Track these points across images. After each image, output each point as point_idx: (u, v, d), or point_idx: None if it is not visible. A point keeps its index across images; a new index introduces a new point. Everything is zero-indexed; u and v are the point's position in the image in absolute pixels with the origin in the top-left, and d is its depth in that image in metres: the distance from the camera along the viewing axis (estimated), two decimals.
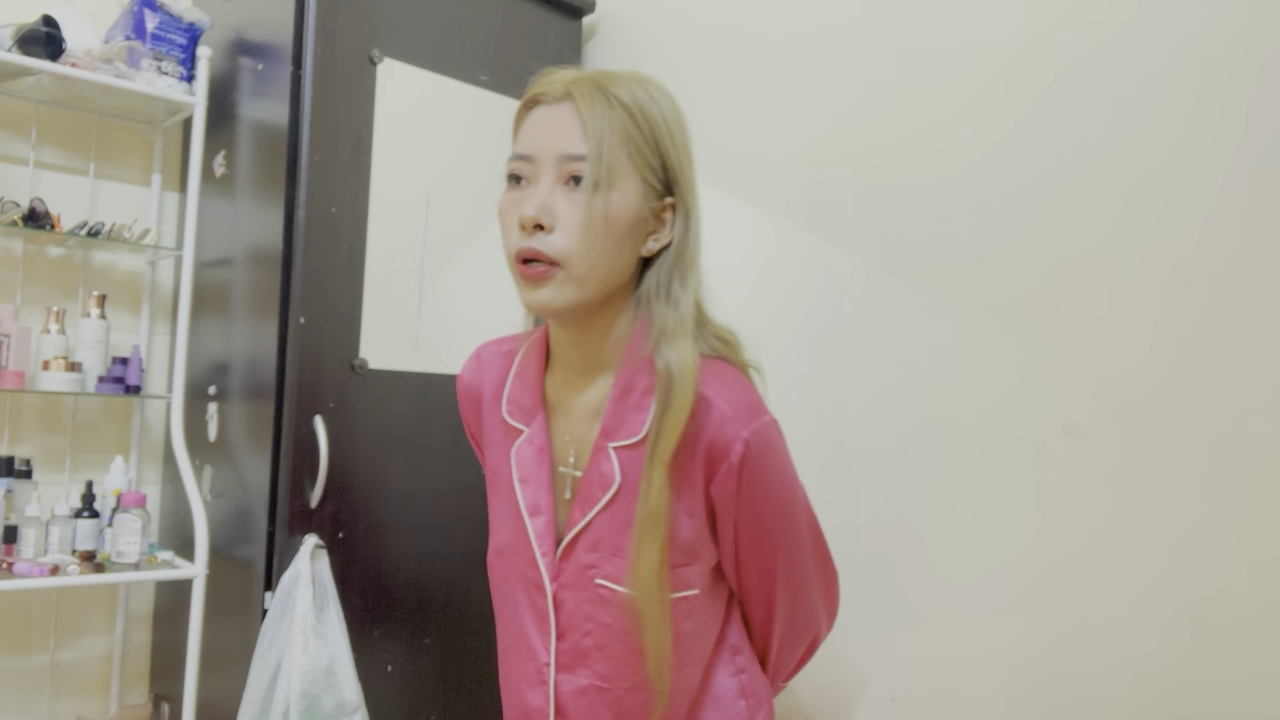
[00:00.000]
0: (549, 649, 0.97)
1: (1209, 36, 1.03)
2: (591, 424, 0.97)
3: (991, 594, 1.19)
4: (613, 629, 0.94)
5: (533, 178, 0.90)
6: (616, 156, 0.88)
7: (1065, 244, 1.14)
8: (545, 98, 0.91)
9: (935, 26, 1.31)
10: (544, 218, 0.87)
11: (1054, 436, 1.13)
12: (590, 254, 0.88)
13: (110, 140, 1.92)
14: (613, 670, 0.95)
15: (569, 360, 0.98)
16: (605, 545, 0.94)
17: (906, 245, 1.32)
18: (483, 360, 1.09)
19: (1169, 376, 1.04)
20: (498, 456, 1.03)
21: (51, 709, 1.83)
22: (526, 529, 0.98)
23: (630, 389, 0.94)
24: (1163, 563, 1.04)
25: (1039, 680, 1.14)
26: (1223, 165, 1.01)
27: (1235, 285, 1.00)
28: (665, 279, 0.93)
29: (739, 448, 0.91)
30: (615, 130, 0.88)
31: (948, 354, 1.26)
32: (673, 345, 0.90)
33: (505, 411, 1.02)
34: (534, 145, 0.90)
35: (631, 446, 0.93)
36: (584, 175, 0.87)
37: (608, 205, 0.88)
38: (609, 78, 0.91)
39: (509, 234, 0.91)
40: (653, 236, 0.94)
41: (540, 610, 0.97)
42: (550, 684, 0.97)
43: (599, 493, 0.94)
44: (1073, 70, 1.15)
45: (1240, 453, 0.99)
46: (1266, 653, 0.96)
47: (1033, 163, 1.18)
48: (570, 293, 0.89)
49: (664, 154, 0.92)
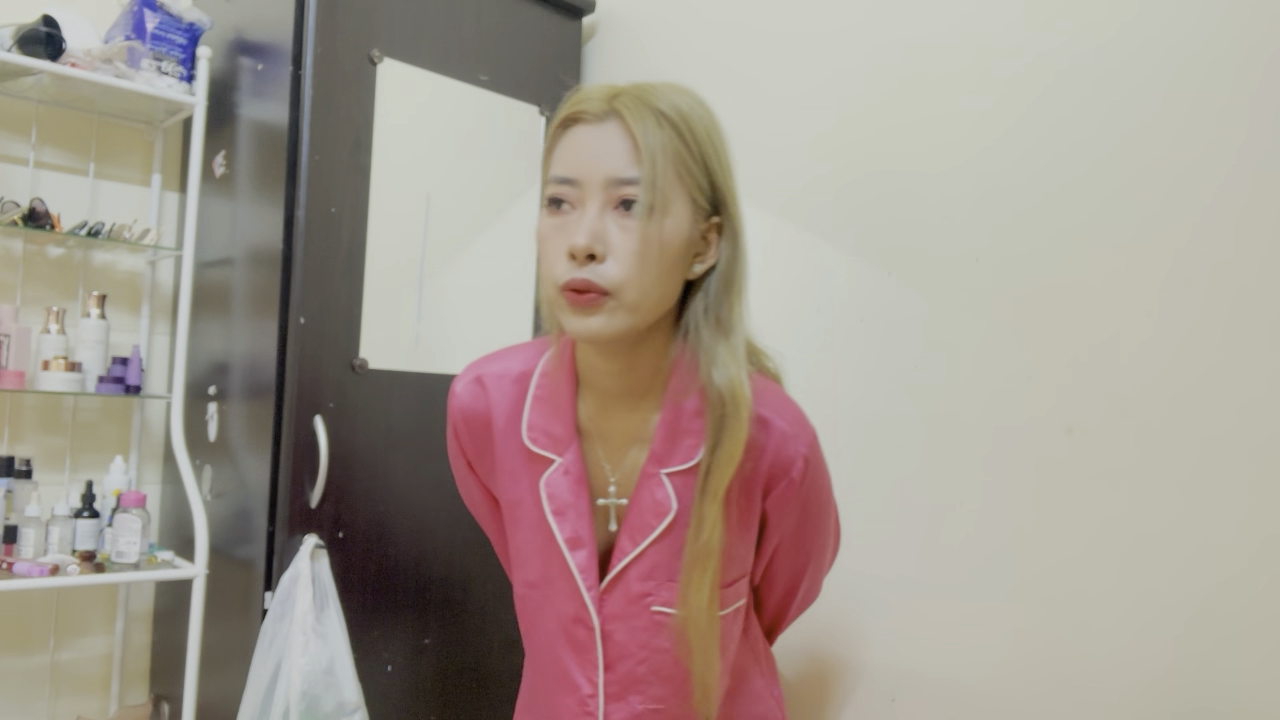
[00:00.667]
0: (594, 681, 0.94)
1: (1212, 34, 1.03)
2: (636, 450, 0.94)
3: (991, 594, 1.19)
4: (670, 653, 0.92)
5: (577, 202, 0.84)
6: (668, 178, 0.83)
7: (1066, 244, 1.14)
8: (586, 116, 0.85)
9: (935, 23, 1.31)
10: (597, 246, 0.82)
11: (1054, 436, 1.13)
12: (645, 283, 0.83)
13: (110, 140, 1.92)
14: (670, 691, 0.93)
15: (607, 387, 0.93)
16: (661, 572, 0.91)
17: (906, 245, 1.32)
18: (487, 385, 0.99)
19: (1170, 376, 1.04)
20: (518, 488, 0.97)
21: (51, 709, 1.83)
22: (567, 563, 0.93)
23: (680, 413, 0.91)
24: (1163, 562, 1.04)
25: (1039, 680, 1.14)
26: (1225, 163, 1.01)
27: (1235, 284, 1.00)
28: (714, 303, 0.89)
29: (800, 465, 0.91)
30: (666, 150, 0.83)
31: (947, 354, 1.26)
32: (724, 372, 0.87)
33: (528, 439, 0.95)
34: (579, 168, 0.84)
35: (685, 472, 0.91)
36: (638, 200, 0.82)
37: (662, 231, 0.83)
38: (651, 92, 0.86)
39: (553, 262, 0.85)
40: (699, 259, 0.89)
41: (580, 643, 0.94)
42: (599, 715, 0.94)
43: (654, 521, 0.91)
44: (1074, 68, 1.15)
45: (1240, 452, 0.99)
46: (1267, 651, 0.96)
47: (1034, 162, 1.18)
48: (621, 321, 0.84)
49: (711, 172, 0.88)
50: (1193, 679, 1.01)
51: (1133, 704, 1.05)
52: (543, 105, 1.82)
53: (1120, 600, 1.07)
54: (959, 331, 1.25)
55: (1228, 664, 0.98)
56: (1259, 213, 0.98)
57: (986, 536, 1.20)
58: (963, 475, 1.23)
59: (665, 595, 0.91)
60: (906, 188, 1.32)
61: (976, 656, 1.20)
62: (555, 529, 0.93)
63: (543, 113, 1.82)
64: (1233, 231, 1.00)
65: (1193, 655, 1.01)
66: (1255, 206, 0.99)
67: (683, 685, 0.93)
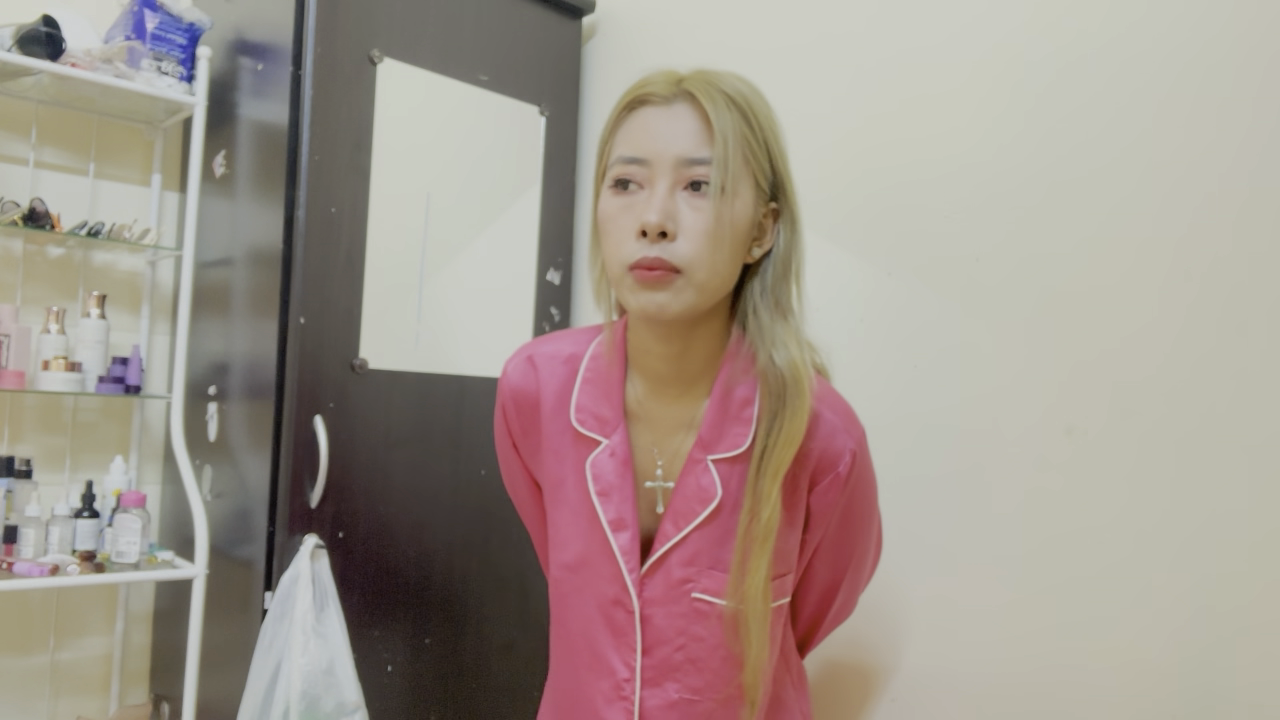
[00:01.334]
0: (631, 665, 0.93)
1: (1211, 38, 1.03)
2: (683, 436, 0.94)
3: (990, 593, 1.19)
4: (707, 642, 0.91)
5: (645, 182, 0.85)
6: (737, 160, 0.84)
7: (1067, 243, 1.14)
8: (654, 98, 0.86)
9: (937, 29, 1.31)
10: (669, 224, 0.83)
11: (1054, 436, 1.13)
12: (714, 262, 0.84)
13: (110, 140, 1.92)
14: (705, 683, 0.92)
15: (659, 371, 0.94)
16: (703, 559, 0.91)
17: (906, 245, 1.32)
18: (538, 365, 1.00)
19: (1170, 376, 1.04)
20: (562, 468, 0.97)
21: (51, 709, 1.83)
22: (609, 544, 0.93)
23: (729, 400, 0.92)
24: (1164, 562, 1.04)
25: (1038, 679, 1.14)
26: (1227, 165, 1.01)
27: (1237, 284, 1.00)
28: (773, 286, 0.90)
29: (847, 459, 0.92)
30: (736, 133, 0.84)
31: (947, 354, 1.26)
32: (784, 354, 0.88)
33: (575, 420, 0.96)
34: (648, 148, 0.85)
35: (732, 460, 0.91)
36: (710, 180, 0.83)
37: (733, 211, 0.84)
38: (718, 77, 0.87)
39: (620, 241, 0.86)
40: (756, 243, 0.90)
41: (619, 626, 0.93)
42: (635, 700, 0.93)
43: (698, 507, 0.91)
44: (1075, 70, 1.15)
45: (1242, 451, 0.99)
46: (1267, 652, 0.96)
47: (1035, 162, 1.18)
48: (688, 299, 0.85)
49: (773, 157, 0.89)
50: (1195, 678, 1.01)
51: (1134, 704, 1.05)
52: (543, 105, 1.82)
53: (1121, 600, 1.07)
54: (959, 330, 1.25)
55: (1231, 663, 0.98)
56: (1262, 213, 0.98)
57: (985, 536, 1.20)
58: (962, 475, 1.23)
59: (706, 583, 0.91)
60: (907, 188, 1.32)
61: (975, 656, 1.20)
62: (600, 510, 0.93)
63: (542, 113, 1.82)
64: (1236, 232, 1.00)
65: (1195, 655, 1.01)
66: (1259, 206, 0.99)
67: (717, 677, 0.92)
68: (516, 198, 1.79)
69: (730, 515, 0.91)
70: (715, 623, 0.91)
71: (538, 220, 1.81)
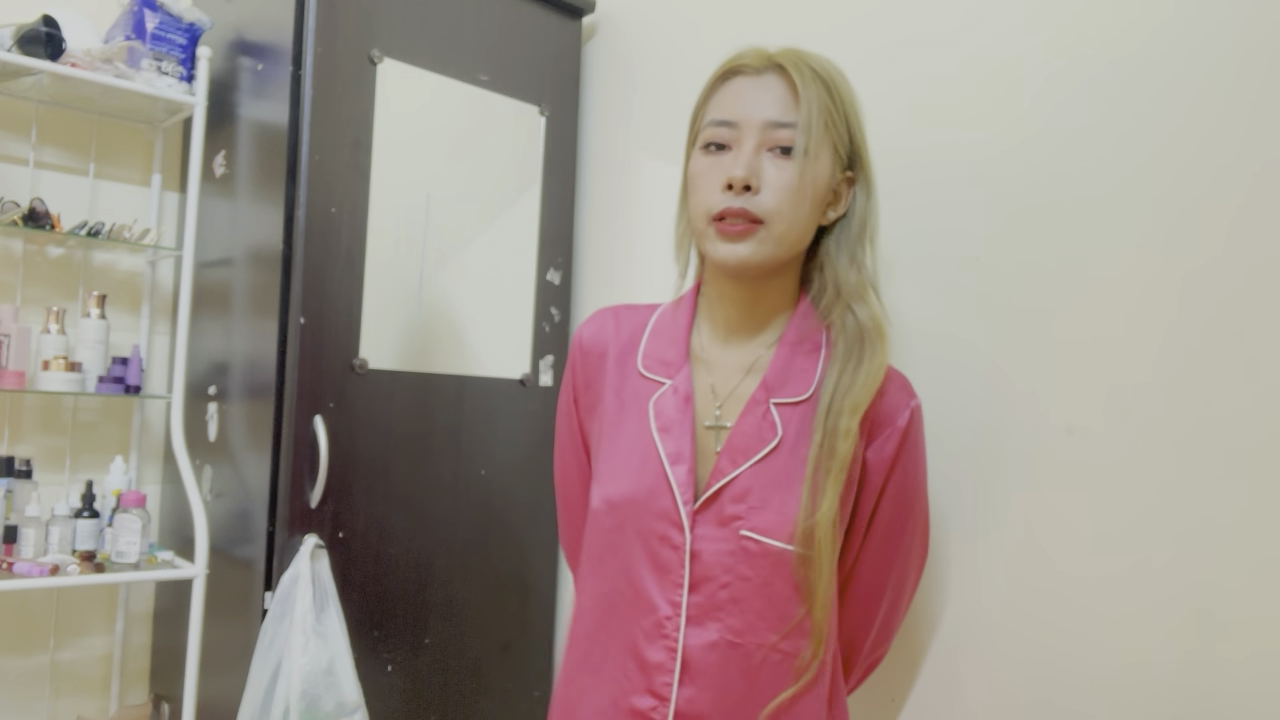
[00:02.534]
0: (675, 602, 0.93)
1: (1213, 33, 1.03)
2: (743, 379, 0.99)
3: (988, 593, 1.19)
4: (752, 582, 0.92)
5: (734, 143, 0.94)
6: (819, 126, 0.93)
7: (1067, 244, 1.14)
8: (746, 69, 0.96)
9: (936, 24, 1.31)
10: (754, 179, 0.91)
11: (1054, 436, 1.13)
12: (793, 216, 0.92)
13: (110, 140, 1.92)
14: (746, 625, 0.92)
15: (728, 317, 1.01)
16: (754, 497, 0.93)
17: (906, 245, 1.32)
18: (616, 317, 1.09)
19: (1171, 374, 1.04)
20: (624, 409, 1.02)
21: (51, 709, 1.83)
22: (666, 477, 0.95)
23: (798, 351, 0.98)
24: (1164, 562, 1.04)
25: (1038, 680, 1.14)
26: (1231, 166, 1.01)
27: (1239, 283, 1.00)
28: (850, 245, 0.99)
29: (907, 414, 0.98)
30: (820, 102, 0.93)
31: (947, 353, 1.26)
32: (864, 305, 0.97)
33: (642, 365, 1.03)
34: (738, 111, 0.94)
35: (794, 405, 0.96)
36: (794, 142, 0.92)
37: (813, 172, 0.93)
38: (807, 55, 0.96)
39: (705, 194, 0.94)
40: (831, 208, 0.99)
41: (665, 563, 0.94)
42: (679, 637, 0.93)
43: (757, 445, 0.95)
44: (1077, 69, 1.15)
45: (1242, 453, 0.99)
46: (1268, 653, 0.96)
47: (1036, 161, 1.18)
48: (768, 250, 0.93)
49: (852, 129, 0.98)
50: (1196, 679, 1.01)
51: (1133, 704, 1.05)
52: (543, 105, 1.82)
53: (1120, 600, 1.07)
54: (959, 330, 1.25)
55: (1228, 662, 0.99)
56: (1264, 213, 0.98)
57: (983, 536, 1.20)
58: (960, 475, 1.23)
59: (754, 520, 0.92)
60: (907, 188, 1.32)
61: (974, 656, 1.20)
62: (659, 444, 0.97)
63: (542, 113, 1.82)
64: (1238, 231, 1.00)
65: (1195, 656, 1.01)
66: (1260, 207, 0.99)
67: (760, 619, 0.92)
68: (516, 198, 1.79)
69: (788, 456, 0.94)
70: (761, 562, 0.92)
71: (538, 220, 1.81)
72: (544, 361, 1.81)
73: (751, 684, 0.93)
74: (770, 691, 0.93)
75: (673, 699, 0.92)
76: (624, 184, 1.84)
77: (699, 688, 0.92)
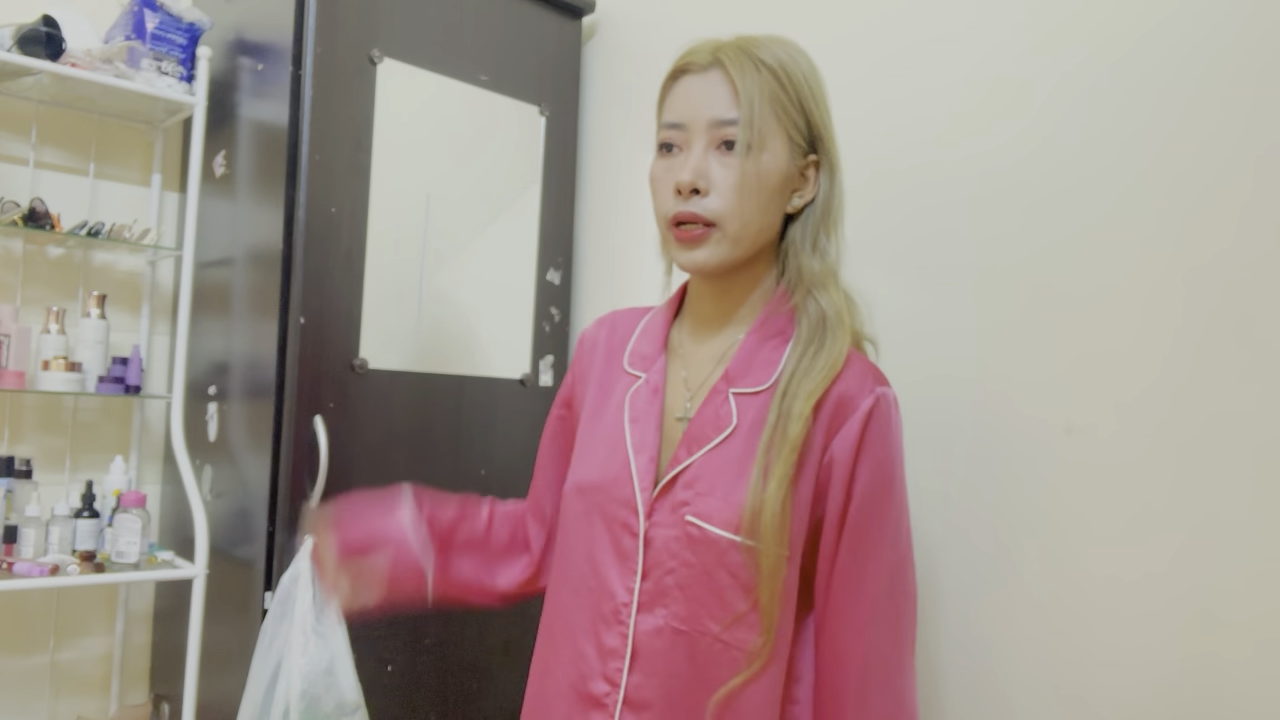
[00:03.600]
0: (630, 589, 0.94)
1: (1215, 35, 1.03)
2: (712, 370, 0.99)
3: (987, 594, 1.19)
4: (696, 569, 0.92)
5: (684, 145, 0.95)
6: (765, 119, 0.92)
7: (1069, 244, 1.14)
8: (693, 67, 0.96)
9: (942, 27, 1.31)
10: (700, 182, 0.92)
11: (1054, 436, 1.13)
12: (744, 214, 0.92)
13: (110, 140, 1.92)
14: (690, 612, 0.92)
15: (703, 311, 1.02)
16: (702, 484, 0.93)
17: (906, 244, 1.32)
18: (613, 319, 1.12)
19: (1172, 376, 1.04)
20: (605, 403, 1.04)
21: (51, 709, 1.83)
22: (629, 464, 0.97)
23: (765, 340, 0.97)
24: (1166, 562, 1.04)
25: (1037, 679, 1.14)
26: (1235, 166, 1.01)
27: (1242, 281, 1.00)
28: (812, 232, 0.98)
29: (869, 400, 0.93)
30: (764, 93, 0.92)
31: (947, 353, 1.26)
32: (825, 293, 0.95)
33: (627, 363, 1.05)
34: (685, 113, 0.95)
35: (753, 394, 0.95)
36: (736, 139, 0.91)
37: (759, 166, 0.92)
38: (752, 42, 0.96)
39: (662, 199, 0.95)
40: (797, 194, 0.98)
41: (624, 549, 0.95)
42: (630, 624, 0.94)
43: (711, 434, 0.95)
44: (1081, 67, 1.15)
45: (1243, 453, 0.99)
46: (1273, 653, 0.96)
47: (1036, 161, 1.18)
48: (724, 252, 0.93)
49: (808, 113, 0.96)
50: (1197, 680, 1.01)
51: (1133, 706, 1.05)
52: (543, 105, 1.82)
53: (1121, 600, 1.07)
54: (959, 330, 1.25)
55: (1232, 663, 0.98)
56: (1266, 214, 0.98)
57: (982, 536, 1.20)
58: (961, 475, 1.23)
59: (699, 506, 0.92)
60: (908, 188, 1.32)
61: (973, 656, 1.20)
62: (627, 435, 0.99)
63: (542, 113, 1.82)
64: (1240, 232, 1.00)
65: (1196, 657, 1.01)
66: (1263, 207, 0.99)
67: (702, 608, 0.91)
68: (516, 198, 1.79)
69: (741, 444, 0.93)
70: (704, 549, 0.91)
71: (538, 220, 1.81)
72: (544, 361, 1.81)
73: (698, 672, 0.92)
74: (716, 680, 0.91)
75: (622, 685, 0.93)
76: (624, 184, 1.84)
77: (645, 674, 0.93)
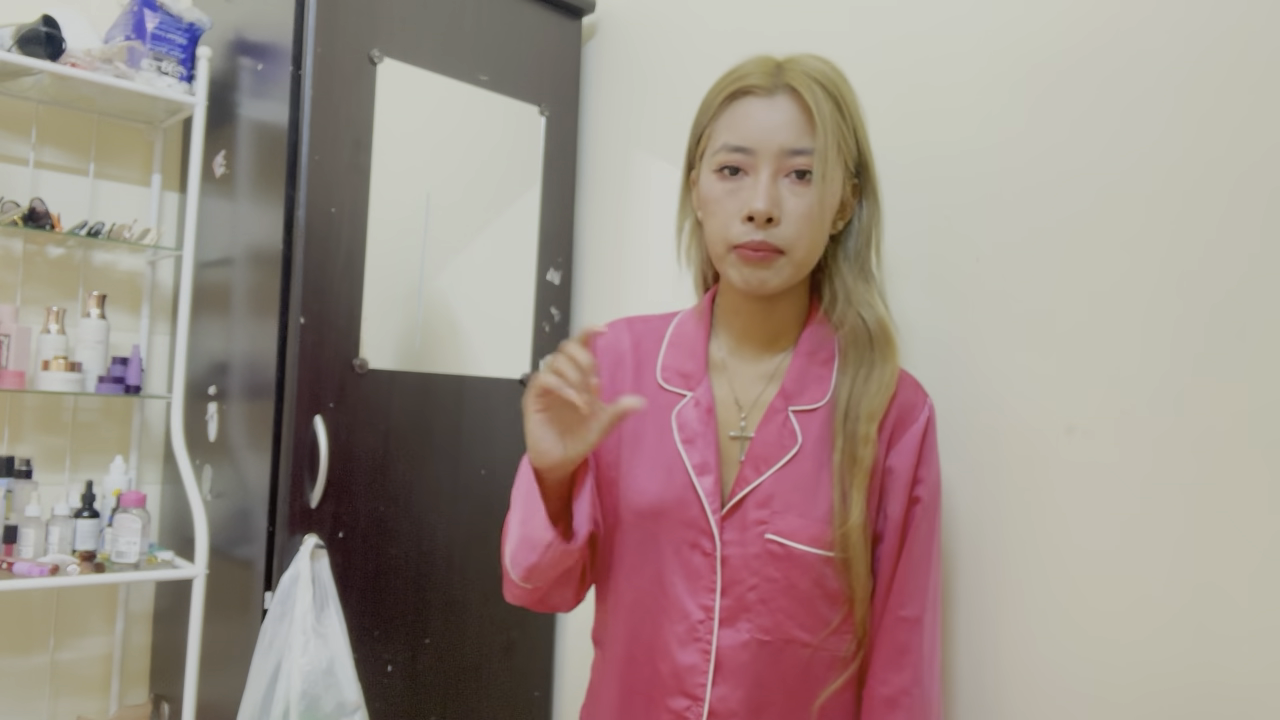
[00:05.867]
0: (706, 606, 0.97)
1: (1219, 32, 1.03)
2: (763, 387, 1.01)
3: (987, 594, 1.19)
4: (779, 583, 0.96)
5: (750, 170, 0.94)
6: (833, 149, 0.93)
7: (1069, 244, 1.14)
8: (757, 90, 0.95)
9: (939, 21, 1.31)
10: (775, 212, 0.92)
11: (1054, 436, 1.13)
12: (811, 242, 0.95)
13: (110, 140, 1.92)
14: (774, 623, 0.96)
15: (744, 329, 1.03)
16: (777, 502, 0.96)
17: (906, 244, 1.32)
18: (632, 326, 1.10)
19: (1171, 377, 1.04)
20: (643, 423, 1.03)
21: (51, 709, 1.83)
22: (694, 488, 0.98)
23: (813, 358, 1.00)
24: (1165, 563, 1.04)
25: (1037, 679, 1.14)
26: (1236, 169, 1.01)
27: (1242, 285, 1.00)
28: (857, 254, 1.01)
29: (926, 411, 1.00)
30: (832, 123, 0.93)
31: (946, 353, 1.26)
32: (871, 311, 0.99)
33: (661, 378, 1.04)
34: (753, 138, 0.94)
35: (811, 412, 0.98)
36: (813, 170, 0.93)
37: (825, 195, 0.94)
38: (810, 65, 0.95)
39: (725, 223, 0.95)
40: (839, 217, 1.01)
41: (694, 568, 0.97)
42: (713, 639, 0.96)
43: (778, 453, 0.97)
44: (1080, 68, 1.15)
45: (1248, 451, 0.99)
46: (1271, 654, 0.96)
47: (1037, 160, 1.18)
48: (788, 276, 0.96)
49: (859, 140, 0.99)
50: (1196, 681, 1.01)
51: (1132, 707, 1.05)
52: (543, 105, 1.82)
53: (1120, 601, 1.07)
54: (959, 330, 1.25)
55: (1230, 663, 0.98)
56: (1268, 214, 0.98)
57: (981, 536, 1.20)
58: (960, 474, 1.23)
59: (778, 525, 0.96)
60: (908, 187, 1.32)
61: (972, 657, 1.20)
62: (685, 456, 0.99)
63: (542, 113, 1.82)
64: (1242, 232, 1.00)
65: (1197, 658, 1.01)
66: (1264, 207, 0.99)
67: (787, 618, 0.96)
68: (516, 198, 1.79)
69: (809, 462, 0.97)
70: (786, 564, 0.95)
71: (538, 220, 1.81)
72: (544, 361, 1.81)
73: (783, 678, 0.97)
74: (801, 684, 0.97)
75: (706, 698, 0.96)
76: (624, 184, 1.84)
77: (731, 685, 0.96)
